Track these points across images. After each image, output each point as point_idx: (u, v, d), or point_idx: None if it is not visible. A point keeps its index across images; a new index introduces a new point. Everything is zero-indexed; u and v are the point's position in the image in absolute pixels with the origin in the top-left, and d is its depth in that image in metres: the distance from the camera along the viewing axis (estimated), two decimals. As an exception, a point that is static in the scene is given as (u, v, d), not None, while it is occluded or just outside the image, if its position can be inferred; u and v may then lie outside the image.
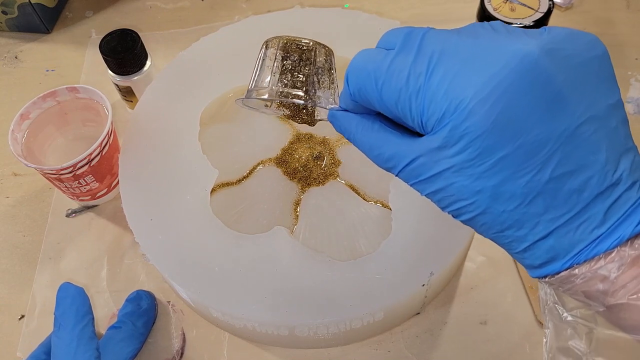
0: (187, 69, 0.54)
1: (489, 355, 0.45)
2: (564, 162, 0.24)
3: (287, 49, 0.35)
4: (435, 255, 0.42)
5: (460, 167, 0.25)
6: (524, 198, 0.25)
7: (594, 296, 0.26)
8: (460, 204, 0.26)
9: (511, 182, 0.25)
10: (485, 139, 0.24)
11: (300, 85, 0.34)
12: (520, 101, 0.24)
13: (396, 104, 0.27)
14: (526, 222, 0.25)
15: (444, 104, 0.25)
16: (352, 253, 0.44)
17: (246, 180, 0.50)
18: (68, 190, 0.51)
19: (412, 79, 0.26)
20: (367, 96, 0.28)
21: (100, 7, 0.72)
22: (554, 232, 0.25)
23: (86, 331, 0.41)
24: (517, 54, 0.24)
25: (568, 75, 0.24)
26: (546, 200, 0.25)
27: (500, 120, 0.24)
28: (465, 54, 0.25)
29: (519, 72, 0.24)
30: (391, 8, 0.69)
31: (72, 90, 0.51)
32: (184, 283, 0.42)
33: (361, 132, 0.30)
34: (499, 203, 0.25)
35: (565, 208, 0.25)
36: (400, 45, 0.27)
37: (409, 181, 0.28)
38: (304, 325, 0.41)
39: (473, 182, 0.25)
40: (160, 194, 0.47)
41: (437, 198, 0.27)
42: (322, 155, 0.50)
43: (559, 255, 0.26)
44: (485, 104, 0.24)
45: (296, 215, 0.47)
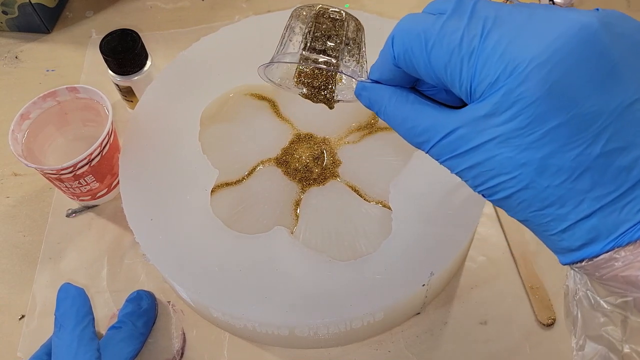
0: (187, 69, 0.54)
1: (489, 355, 0.45)
2: (615, 137, 0.24)
3: (318, 17, 0.34)
4: (435, 255, 0.42)
5: (507, 137, 0.24)
6: (572, 172, 0.24)
7: (635, 281, 0.24)
8: (500, 179, 0.25)
9: (560, 154, 0.24)
10: (539, 107, 0.23)
11: (330, 53, 0.33)
12: (577, 70, 0.23)
13: (445, 68, 0.26)
14: (570, 199, 0.24)
15: (499, 66, 0.24)
16: (352, 253, 0.44)
17: (246, 180, 0.50)
18: (68, 190, 0.51)
19: (465, 40, 0.25)
20: (412, 59, 0.27)
21: (101, 7, 0.72)
22: (598, 210, 0.24)
23: (87, 332, 0.41)
24: (576, 23, 0.23)
25: (623, 52, 0.24)
26: (594, 177, 0.24)
27: (555, 88, 0.23)
28: (520, 21, 0.24)
29: (578, 41, 0.23)
30: (391, 8, 0.69)
31: (72, 90, 0.51)
32: (184, 283, 0.42)
33: (394, 103, 0.29)
34: (544, 177, 0.24)
35: (613, 186, 0.24)
36: (452, 9, 0.26)
37: (442, 157, 0.27)
38: (304, 325, 0.41)
39: (519, 153, 0.24)
40: (160, 194, 0.47)
41: (473, 174, 0.26)
42: (323, 156, 0.50)
43: (600, 236, 0.25)
44: (542, 70, 0.23)
45: (296, 215, 0.47)
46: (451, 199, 0.44)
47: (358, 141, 0.51)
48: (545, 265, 0.48)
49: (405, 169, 0.46)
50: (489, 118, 0.25)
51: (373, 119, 0.52)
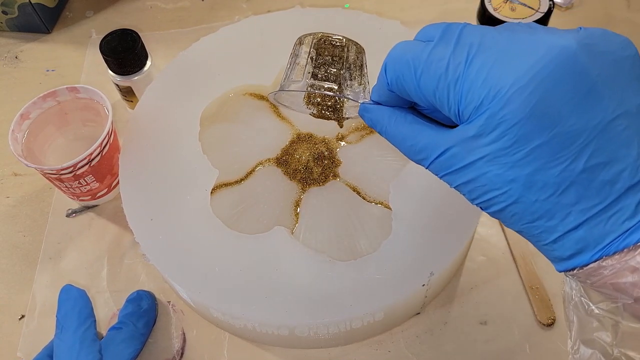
0: (187, 69, 0.55)
1: (489, 355, 0.45)
2: (598, 153, 0.25)
3: (320, 45, 0.36)
4: (435, 255, 0.42)
5: (494, 156, 0.26)
6: (557, 187, 0.25)
7: (623, 288, 0.26)
8: (492, 194, 0.27)
9: (545, 170, 0.25)
10: (522, 127, 0.25)
11: (333, 79, 0.35)
12: (557, 91, 0.24)
13: (434, 93, 0.27)
14: (558, 212, 0.26)
15: (482, 91, 0.25)
16: (352, 253, 0.44)
17: (246, 180, 0.50)
18: (68, 190, 0.51)
19: (451, 67, 0.26)
20: (404, 85, 0.28)
21: (101, 7, 0.72)
22: (585, 222, 0.25)
23: (88, 334, 0.41)
24: (555, 46, 0.25)
25: (602, 71, 0.25)
26: (579, 190, 0.25)
27: (537, 109, 0.24)
28: (503, 46, 0.26)
29: (557, 63, 0.24)
30: (391, 8, 0.69)
31: (72, 90, 0.51)
32: (184, 283, 0.42)
33: (394, 124, 0.31)
34: (531, 192, 0.26)
35: (598, 199, 0.25)
36: (439, 37, 0.27)
37: (440, 173, 0.28)
38: (304, 325, 0.41)
39: (507, 170, 0.26)
40: (160, 194, 0.47)
41: (468, 189, 0.27)
42: (322, 156, 0.50)
43: (588, 247, 0.26)
44: (524, 93, 0.24)
45: (296, 215, 0.47)
46: (451, 199, 0.44)
47: (358, 141, 0.51)
48: (545, 265, 0.48)
49: (405, 169, 0.46)
50: (476, 139, 0.26)
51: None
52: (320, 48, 0.36)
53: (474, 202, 0.28)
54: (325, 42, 0.36)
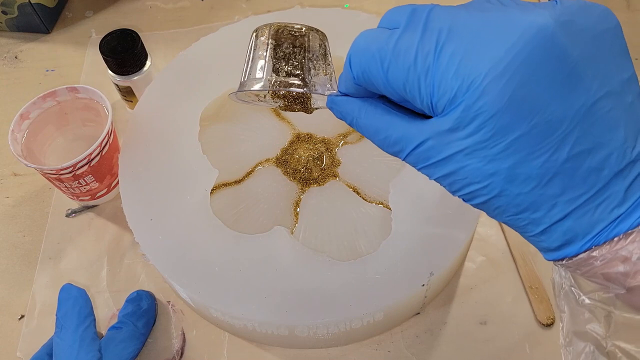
0: (187, 69, 0.55)
1: (489, 355, 0.45)
2: (582, 140, 0.23)
3: (279, 36, 0.33)
4: (435, 255, 0.42)
5: (473, 149, 0.24)
6: (541, 179, 0.24)
7: (614, 278, 0.25)
8: (473, 187, 0.25)
9: (527, 163, 0.24)
10: (500, 119, 0.23)
11: (296, 73, 0.33)
12: (535, 77, 0.23)
13: (404, 86, 0.25)
14: (543, 204, 0.24)
15: (455, 83, 0.24)
16: (352, 253, 0.44)
17: (246, 180, 0.50)
18: (68, 190, 0.51)
19: (420, 58, 0.24)
20: (371, 79, 0.27)
21: (100, 7, 0.72)
22: (572, 213, 0.24)
23: (88, 332, 0.41)
24: (531, 27, 0.23)
25: (583, 50, 0.23)
26: (564, 181, 0.24)
27: (515, 98, 0.23)
28: (475, 29, 0.24)
29: (534, 46, 0.23)
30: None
31: (72, 90, 0.51)
32: (184, 283, 0.42)
33: (364, 116, 0.29)
34: (514, 185, 0.24)
35: (584, 188, 0.24)
36: (405, 23, 0.25)
37: (417, 165, 0.27)
38: (304, 325, 0.41)
39: (487, 164, 0.24)
40: (160, 194, 0.47)
41: (448, 182, 0.26)
42: (322, 155, 0.50)
43: (577, 237, 0.25)
44: (500, 82, 0.23)
45: (296, 215, 0.47)
46: (451, 198, 0.44)
47: (358, 141, 0.51)
48: (545, 265, 0.48)
49: (405, 169, 0.46)
50: (453, 132, 0.24)
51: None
52: (279, 39, 0.33)
53: (455, 194, 0.27)
54: (284, 32, 0.33)
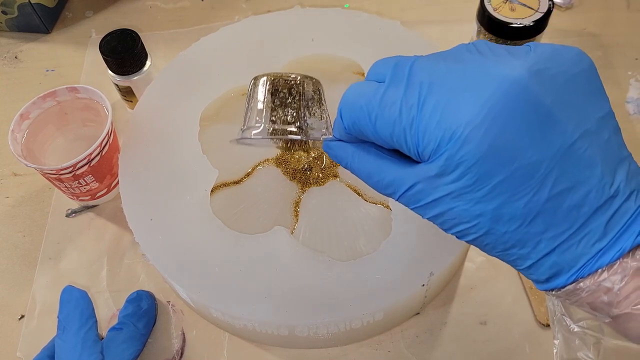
0: (187, 69, 0.54)
1: (489, 355, 0.45)
2: (561, 180, 0.25)
3: (275, 86, 0.35)
4: (435, 255, 0.42)
5: (459, 193, 0.26)
6: (524, 219, 0.25)
7: (600, 307, 0.26)
8: (463, 227, 0.27)
9: (510, 204, 0.25)
10: (482, 165, 0.25)
11: (292, 120, 0.35)
12: (512, 126, 0.24)
13: (391, 136, 0.27)
14: (528, 241, 0.26)
15: (438, 134, 0.25)
16: (352, 253, 0.44)
17: (246, 180, 0.50)
18: (68, 190, 0.51)
19: (404, 111, 0.26)
20: (361, 130, 0.29)
21: (100, 7, 0.72)
22: (556, 249, 0.26)
23: (90, 334, 0.41)
24: (505, 80, 0.24)
25: (557, 95, 0.25)
26: (546, 219, 0.25)
27: (494, 146, 0.24)
28: (453, 83, 0.25)
29: (509, 98, 0.24)
30: (391, 8, 0.69)
31: (72, 90, 0.51)
32: (184, 283, 0.42)
33: (357, 160, 0.31)
34: (500, 225, 0.26)
35: (566, 225, 0.25)
36: (390, 77, 0.27)
37: (409, 205, 0.29)
38: (304, 325, 0.41)
39: (473, 206, 0.26)
40: (160, 194, 0.47)
41: (439, 221, 0.28)
42: (322, 155, 0.50)
43: (563, 270, 0.26)
44: (479, 132, 0.24)
45: (296, 215, 0.47)
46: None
47: (358, 141, 0.51)
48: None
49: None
50: (439, 177, 0.26)
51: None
52: (275, 88, 0.35)
53: (448, 232, 0.28)
54: (280, 81, 0.35)
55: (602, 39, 0.64)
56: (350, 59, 0.54)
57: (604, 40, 0.64)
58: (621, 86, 0.59)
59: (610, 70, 0.61)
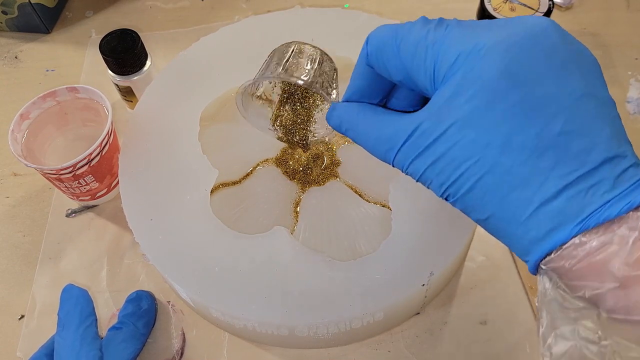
0: (187, 69, 0.54)
1: (489, 355, 0.45)
2: (572, 121, 0.24)
3: (296, 51, 0.37)
4: (435, 255, 0.42)
5: (469, 117, 0.25)
6: (534, 150, 0.24)
7: (605, 269, 0.24)
8: (463, 168, 0.26)
9: (521, 131, 0.24)
10: (498, 84, 0.24)
11: (305, 75, 0.36)
12: (531, 55, 0.25)
13: (412, 58, 0.27)
14: (534, 178, 0.25)
15: (459, 48, 0.26)
16: (352, 253, 0.44)
17: (246, 180, 0.50)
18: (68, 190, 0.51)
19: (430, 33, 0.27)
20: (383, 54, 0.29)
21: (100, 7, 0.72)
22: (563, 191, 0.24)
23: (89, 332, 0.41)
24: (530, 21, 0.26)
25: (572, 55, 0.26)
26: (556, 155, 0.24)
27: (513, 66, 0.25)
28: (482, 24, 0.27)
29: (532, 33, 0.25)
30: (391, 8, 0.69)
31: (72, 90, 0.51)
32: (184, 283, 0.42)
33: (362, 117, 0.31)
34: (507, 155, 0.25)
35: (575, 164, 0.24)
36: (422, 19, 0.29)
37: (406, 160, 0.28)
38: (304, 325, 0.41)
39: (481, 134, 0.25)
40: (160, 194, 0.47)
41: (437, 170, 0.27)
42: (322, 155, 0.50)
43: (567, 220, 0.24)
44: (499, 49, 0.25)
45: (296, 215, 0.47)
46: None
47: (358, 141, 0.51)
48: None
49: (405, 169, 0.46)
50: (451, 101, 0.26)
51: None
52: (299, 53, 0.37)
53: (441, 190, 0.27)
54: (302, 47, 0.37)
55: (602, 38, 0.64)
56: (350, 58, 0.54)
57: (604, 40, 0.64)
58: (621, 86, 0.59)
59: (611, 70, 0.61)
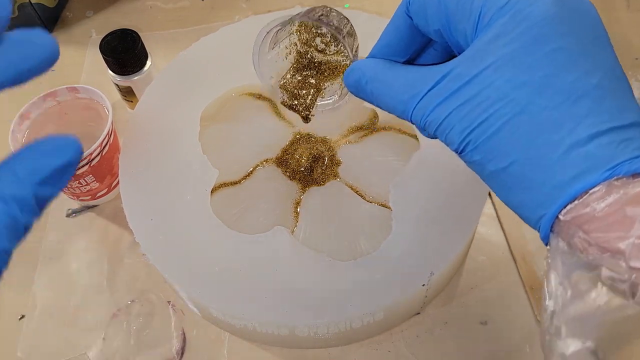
0: (187, 69, 0.54)
1: (489, 355, 0.45)
2: (609, 79, 0.25)
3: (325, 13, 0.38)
4: (435, 255, 0.42)
5: (510, 58, 0.25)
6: (569, 95, 0.24)
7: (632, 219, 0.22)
8: (494, 108, 0.25)
9: (559, 75, 0.25)
10: (545, 27, 0.25)
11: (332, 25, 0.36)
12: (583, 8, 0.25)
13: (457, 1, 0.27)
14: (567, 122, 0.24)
15: None
16: (352, 253, 0.44)
17: (246, 180, 0.50)
18: (68, 190, 0.51)
19: None
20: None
21: (100, 7, 0.72)
22: (595, 138, 0.24)
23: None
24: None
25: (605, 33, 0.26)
26: (590, 104, 0.24)
27: (564, 13, 0.25)
28: None
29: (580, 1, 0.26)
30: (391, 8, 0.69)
31: (72, 90, 0.51)
32: (184, 283, 0.42)
33: (388, 68, 0.30)
34: (542, 97, 0.25)
35: (608, 117, 0.24)
36: None
37: (430, 105, 0.27)
38: (304, 325, 0.41)
39: (519, 73, 0.25)
40: (160, 194, 0.47)
41: (463, 113, 0.26)
42: (322, 155, 0.50)
43: (597, 165, 0.24)
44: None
45: (296, 215, 0.47)
46: (451, 199, 0.44)
47: (358, 141, 0.51)
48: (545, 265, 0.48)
49: (405, 169, 0.46)
50: (492, 42, 0.25)
51: (374, 119, 0.52)
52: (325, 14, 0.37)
53: (461, 136, 0.26)
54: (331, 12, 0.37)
55: (602, 39, 0.64)
56: (350, 59, 0.54)
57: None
58: (621, 86, 0.59)
59: (611, 70, 0.61)
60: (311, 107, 0.39)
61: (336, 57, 0.37)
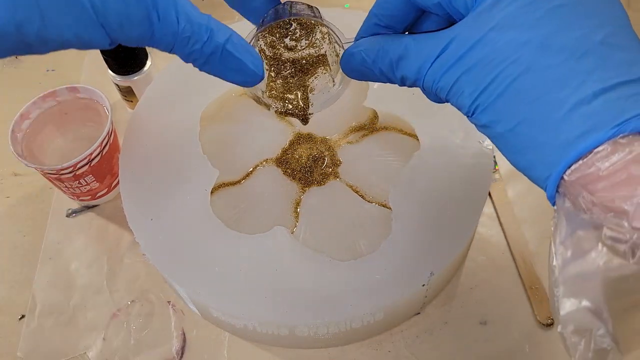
0: (187, 69, 0.54)
1: (488, 355, 0.45)
2: (615, 35, 0.24)
3: None
4: (435, 255, 0.42)
5: (512, 17, 0.24)
6: (574, 52, 0.24)
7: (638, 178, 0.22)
8: (500, 68, 0.25)
9: (562, 32, 0.24)
10: None
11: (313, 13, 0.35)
12: None
13: None
14: (572, 79, 0.24)
15: None
16: (352, 253, 0.44)
17: (246, 180, 0.50)
18: (68, 190, 0.51)
19: None
20: None
21: (101, 7, 0.72)
22: (601, 94, 0.23)
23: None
24: None
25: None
26: (596, 60, 0.23)
27: None
28: None
29: None
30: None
31: (72, 90, 0.51)
32: (184, 283, 0.42)
33: (391, 41, 0.29)
34: (546, 55, 0.24)
35: (615, 72, 0.23)
36: None
37: (440, 71, 0.27)
38: (304, 325, 0.41)
39: (522, 32, 0.24)
40: (160, 194, 0.47)
41: (471, 77, 0.26)
42: (322, 155, 0.50)
43: (603, 122, 0.23)
44: None
45: (296, 215, 0.47)
46: (451, 199, 0.44)
47: (358, 141, 0.51)
48: (545, 265, 0.48)
49: (405, 169, 0.46)
50: (496, 3, 0.25)
51: (374, 119, 0.52)
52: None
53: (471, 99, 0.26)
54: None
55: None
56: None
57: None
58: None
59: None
60: (306, 107, 0.39)
61: (308, 51, 0.37)
